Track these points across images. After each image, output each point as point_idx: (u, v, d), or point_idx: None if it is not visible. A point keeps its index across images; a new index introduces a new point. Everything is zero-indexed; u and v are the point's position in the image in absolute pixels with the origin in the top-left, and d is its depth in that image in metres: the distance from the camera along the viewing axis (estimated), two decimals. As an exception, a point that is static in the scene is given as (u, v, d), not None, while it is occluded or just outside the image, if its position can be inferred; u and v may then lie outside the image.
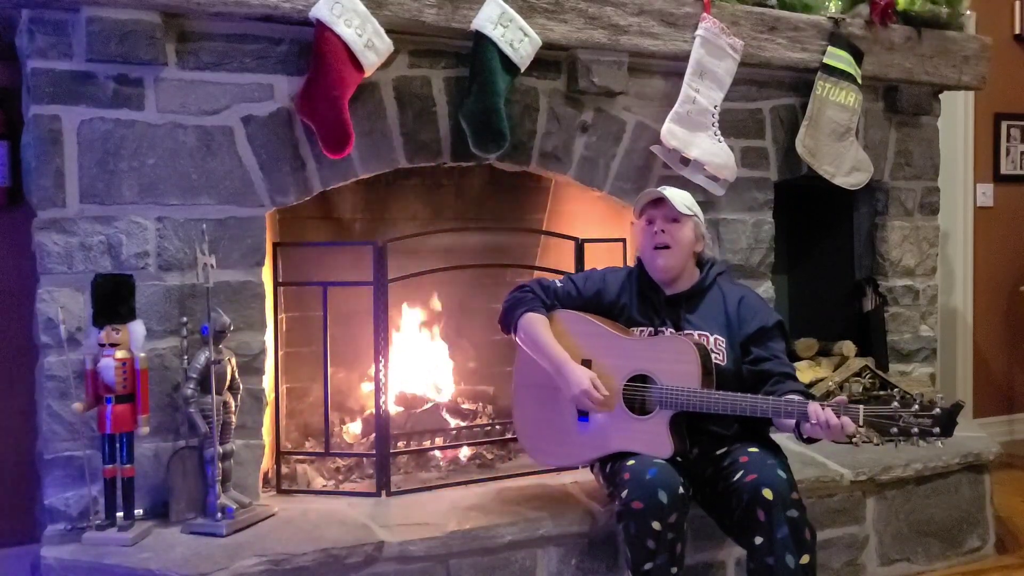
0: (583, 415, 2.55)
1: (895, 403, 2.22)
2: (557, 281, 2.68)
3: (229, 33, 2.59)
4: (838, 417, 2.23)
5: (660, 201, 2.54)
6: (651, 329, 2.56)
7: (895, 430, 2.21)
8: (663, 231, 2.52)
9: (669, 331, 2.53)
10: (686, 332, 2.52)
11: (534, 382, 2.62)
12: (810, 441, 2.37)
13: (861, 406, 2.25)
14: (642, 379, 2.47)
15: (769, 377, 2.47)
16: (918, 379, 3.67)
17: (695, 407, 2.38)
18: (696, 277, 2.60)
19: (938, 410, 2.19)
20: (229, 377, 2.55)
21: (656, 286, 2.59)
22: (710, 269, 2.61)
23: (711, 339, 2.51)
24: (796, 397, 2.35)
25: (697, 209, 2.60)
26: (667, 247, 2.52)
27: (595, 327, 2.57)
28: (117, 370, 2.36)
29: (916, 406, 2.21)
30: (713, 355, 2.46)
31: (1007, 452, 3.67)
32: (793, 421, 2.32)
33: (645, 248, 2.58)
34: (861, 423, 2.24)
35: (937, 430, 2.18)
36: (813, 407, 2.25)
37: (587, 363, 2.53)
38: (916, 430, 2.19)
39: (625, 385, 2.48)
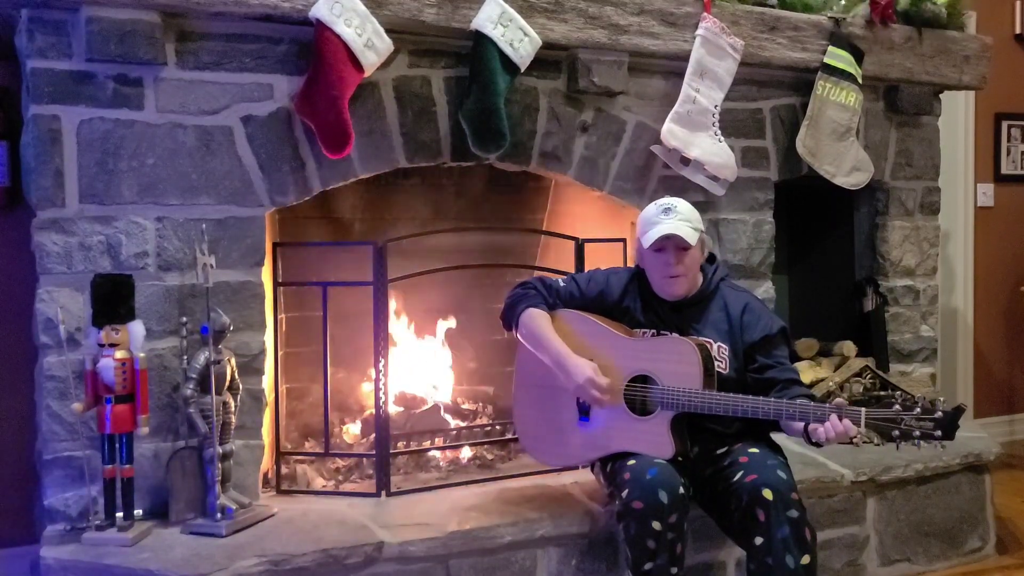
0: (584, 415, 2.55)
1: (897, 406, 2.21)
2: (560, 280, 2.67)
3: (229, 33, 2.59)
4: (840, 420, 2.22)
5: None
6: (653, 331, 2.55)
7: (897, 433, 2.21)
8: (677, 263, 2.45)
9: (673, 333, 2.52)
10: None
11: (535, 381, 2.62)
12: (819, 445, 2.34)
13: (863, 409, 2.24)
14: (643, 379, 2.47)
15: (775, 384, 2.46)
16: (918, 379, 3.66)
17: (696, 408, 2.37)
18: (699, 283, 2.57)
19: (940, 413, 2.19)
20: (229, 377, 2.55)
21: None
22: (713, 275, 2.59)
23: (715, 347, 2.49)
24: (802, 400, 2.35)
25: (699, 221, 2.52)
26: (681, 276, 2.48)
27: (597, 327, 2.56)
28: (117, 370, 2.36)
29: (918, 409, 2.20)
30: (716, 363, 2.45)
31: (1007, 452, 3.68)
32: (801, 424, 2.31)
33: (655, 275, 2.52)
34: (863, 426, 2.23)
35: (939, 433, 2.18)
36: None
37: None
38: (918, 433, 2.19)
39: (627, 385, 2.48)
